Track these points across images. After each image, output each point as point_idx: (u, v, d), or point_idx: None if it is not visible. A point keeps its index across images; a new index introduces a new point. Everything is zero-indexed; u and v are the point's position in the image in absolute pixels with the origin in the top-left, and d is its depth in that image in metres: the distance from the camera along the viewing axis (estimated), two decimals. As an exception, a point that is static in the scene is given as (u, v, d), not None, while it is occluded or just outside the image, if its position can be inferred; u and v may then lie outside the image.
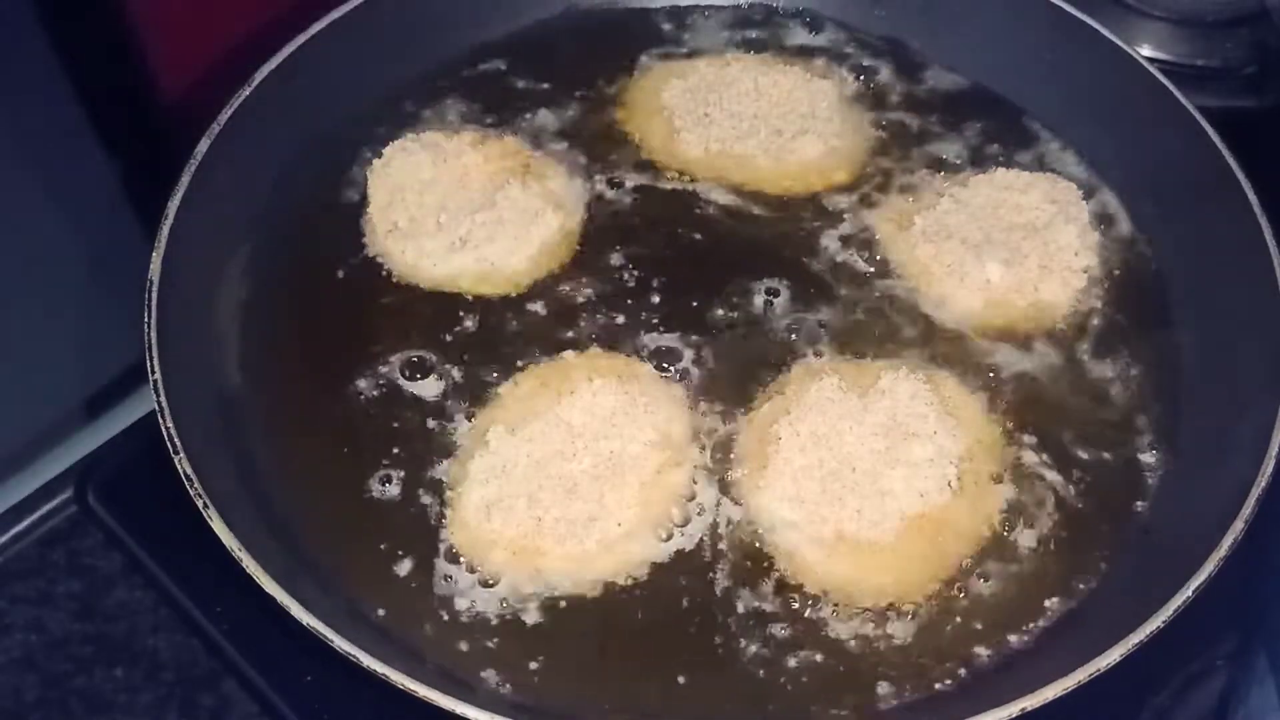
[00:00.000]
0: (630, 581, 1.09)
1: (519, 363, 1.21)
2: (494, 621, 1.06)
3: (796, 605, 1.08)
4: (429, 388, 1.19)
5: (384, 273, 1.27)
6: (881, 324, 1.25)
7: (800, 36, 1.49)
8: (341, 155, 1.35)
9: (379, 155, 1.32)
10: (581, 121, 1.40)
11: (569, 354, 1.21)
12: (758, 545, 1.11)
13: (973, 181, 1.32)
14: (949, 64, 1.46)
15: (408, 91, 1.41)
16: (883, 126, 1.41)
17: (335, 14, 1.33)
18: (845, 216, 1.33)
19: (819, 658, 1.06)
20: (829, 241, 1.31)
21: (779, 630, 1.07)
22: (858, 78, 1.44)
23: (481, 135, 1.35)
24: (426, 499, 1.13)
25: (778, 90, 1.39)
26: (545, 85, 1.42)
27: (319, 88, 1.33)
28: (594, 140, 1.38)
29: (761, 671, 1.05)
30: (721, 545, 1.11)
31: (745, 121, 1.36)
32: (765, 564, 1.10)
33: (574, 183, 1.34)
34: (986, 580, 1.10)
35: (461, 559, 1.09)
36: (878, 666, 1.06)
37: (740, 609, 1.08)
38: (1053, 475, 1.16)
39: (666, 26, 1.49)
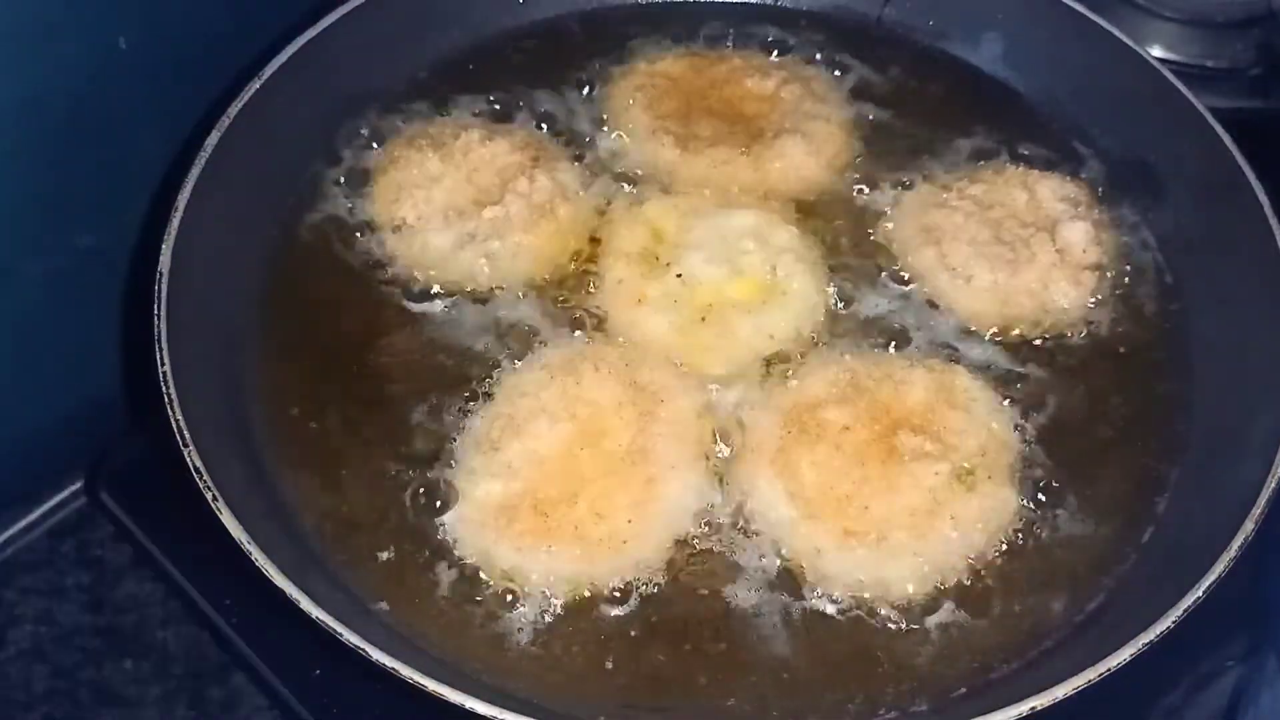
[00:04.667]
0: (637, 577, 1.09)
1: (526, 357, 1.20)
2: (501, 617, 1.07)
3: (805, 603, 1.08)
4: (436, 383, 1.19)
5: (391, 268, 1.27)
6: (889, 323, 1.25)
7: (799, 35, 1.48)
8: (349, 150, 1.35)
9: (387, 151, 1.32)
10: (586, 118, 1.40)
11: (577, 348, 1.21)
12: (767, 542, 1.11)
13: (979, 180, 1.32)
14: (955, 62, 1.46)
15: (415, 87, 1.41)
16: (888, 124, 1.40)
17: (344, 9, 1.33)
18: (848, 216, 1.33)
19: (827, 656, 1.06)
20: (830, 241, 1.31)
21: (787, 628, 1.07)
22: (858, 76, 1.44)
23: (488, 132, 1.34)
24: (434, 495, 1.12)
25: (775, 89, 1.38)
26: (551, 82, 1.42)
27: (327, 82, 1.33)
28: (596, 138, 1.38)
29: (768, 670, 1.05)
30: (730, 541, 1.11)
31: (743, 121, 1.36)
32: (773, 561, 1.10)
33: (580, 178, 1.33)
34: (996, 579, 1.10)
35: (468, 556, 1.09)
36: (887, 664, 1.06)
37: (748, 606, 1.08)
38: (1062, 474, 1.16)
39: (666, 25, 1.48)
